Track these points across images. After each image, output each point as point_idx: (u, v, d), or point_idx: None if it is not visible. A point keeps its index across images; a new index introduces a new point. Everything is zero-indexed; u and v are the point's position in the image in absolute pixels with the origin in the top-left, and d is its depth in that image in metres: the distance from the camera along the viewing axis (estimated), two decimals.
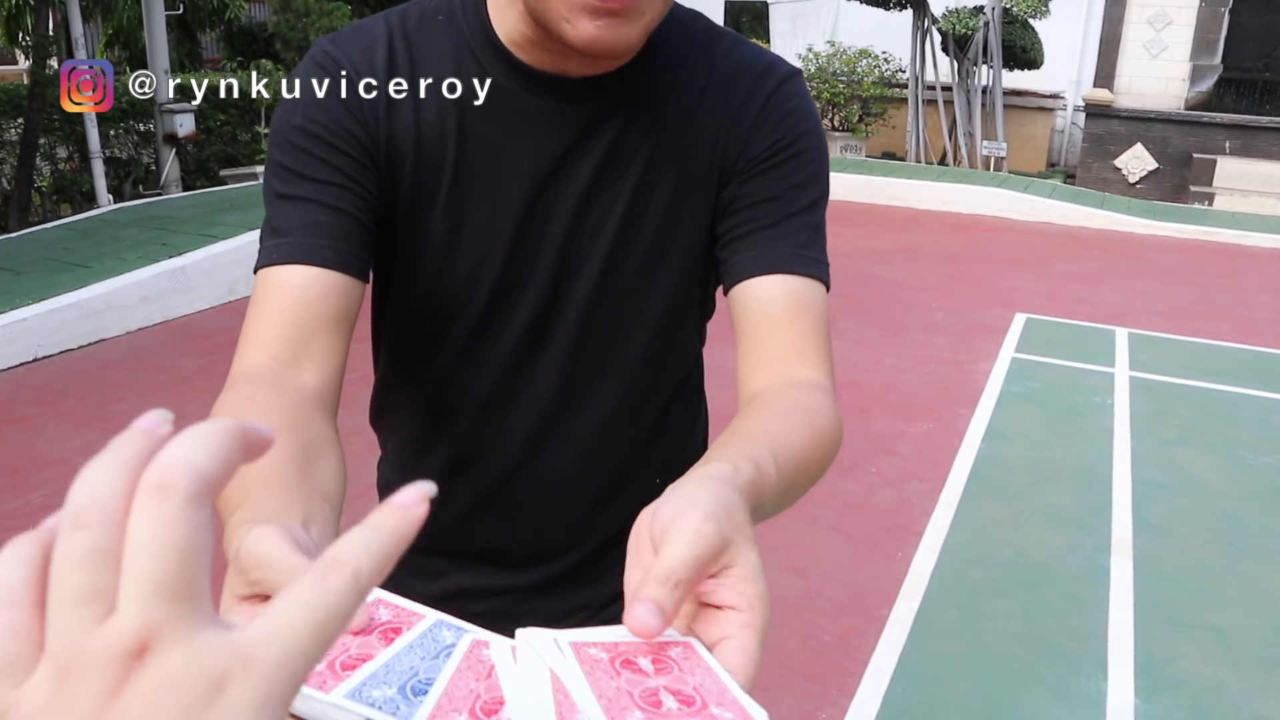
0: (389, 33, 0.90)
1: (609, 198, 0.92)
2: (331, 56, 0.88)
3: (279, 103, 0.89)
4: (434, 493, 0.36)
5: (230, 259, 6.01)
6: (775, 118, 0.93)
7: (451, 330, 0.97)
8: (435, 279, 0.94)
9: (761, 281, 0.90)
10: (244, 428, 0.34)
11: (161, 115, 8.46)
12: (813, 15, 13.96)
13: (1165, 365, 5.33)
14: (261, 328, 0.81)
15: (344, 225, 0.85)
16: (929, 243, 8.42)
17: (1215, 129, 11.63)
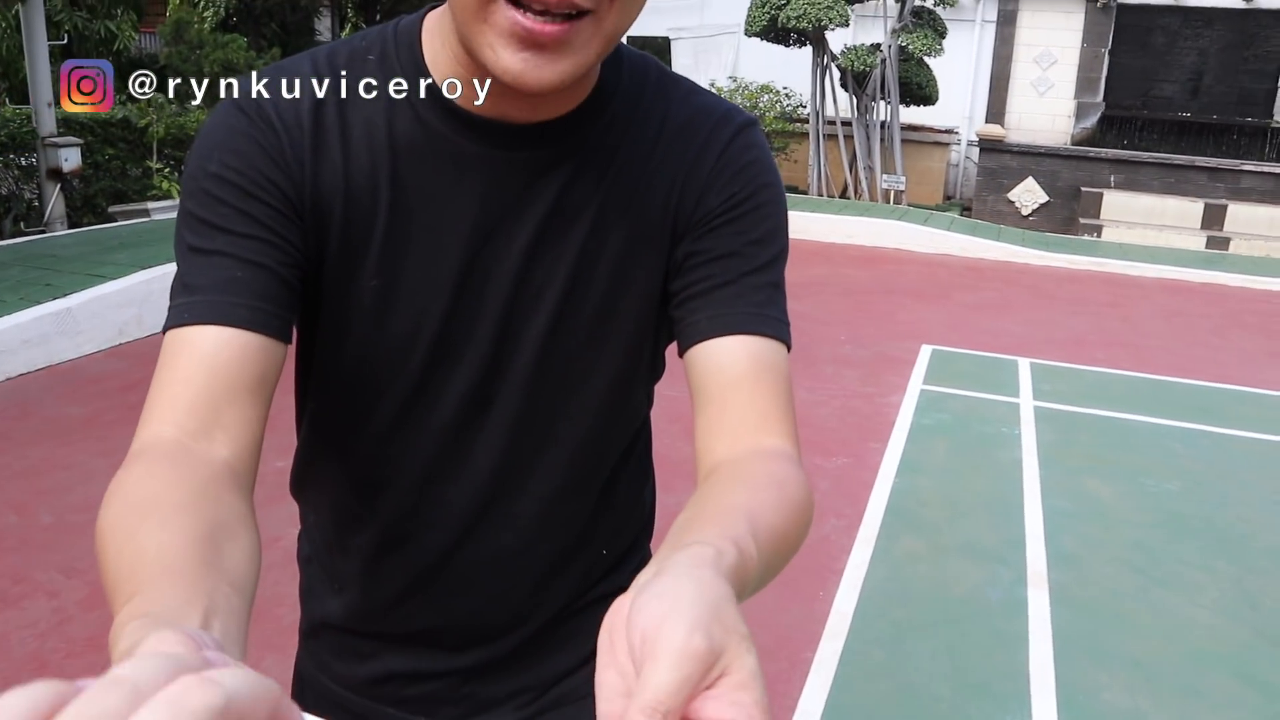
0: (316, 74, 0.83)
1: (555, 255, 0.85)
2: (253, 101, 0.81)
3: (192, 147, 0.81)
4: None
5: (119, 300, 5.74)
6: (733, 169, 0.87)
7: (383, 398, 0.89)
8: (365, 342, 0.86)
9: (720, 343, 0.84)
10: (281, 695, 0.37)
11: (45, 149, 8.09)
12: (714, 51, 14.14)
13: (1067, 394, 5.46)
14: (168, 396, 0.72)
15: (262, 282, 0.76)
16: (834, 275, 8.53)
17: (1100, 163, 12.11)
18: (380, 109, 0.82)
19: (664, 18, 14.30)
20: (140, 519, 0.61)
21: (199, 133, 0.82)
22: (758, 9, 11.62)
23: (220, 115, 0.81)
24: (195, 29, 8.43)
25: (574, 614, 1.03)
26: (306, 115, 0.81)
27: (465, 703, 1.02)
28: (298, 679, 1.07)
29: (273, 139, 0.79)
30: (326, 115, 0.82)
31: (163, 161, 9.07)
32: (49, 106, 8.17)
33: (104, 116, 8.99)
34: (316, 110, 0.81)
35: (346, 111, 0.82)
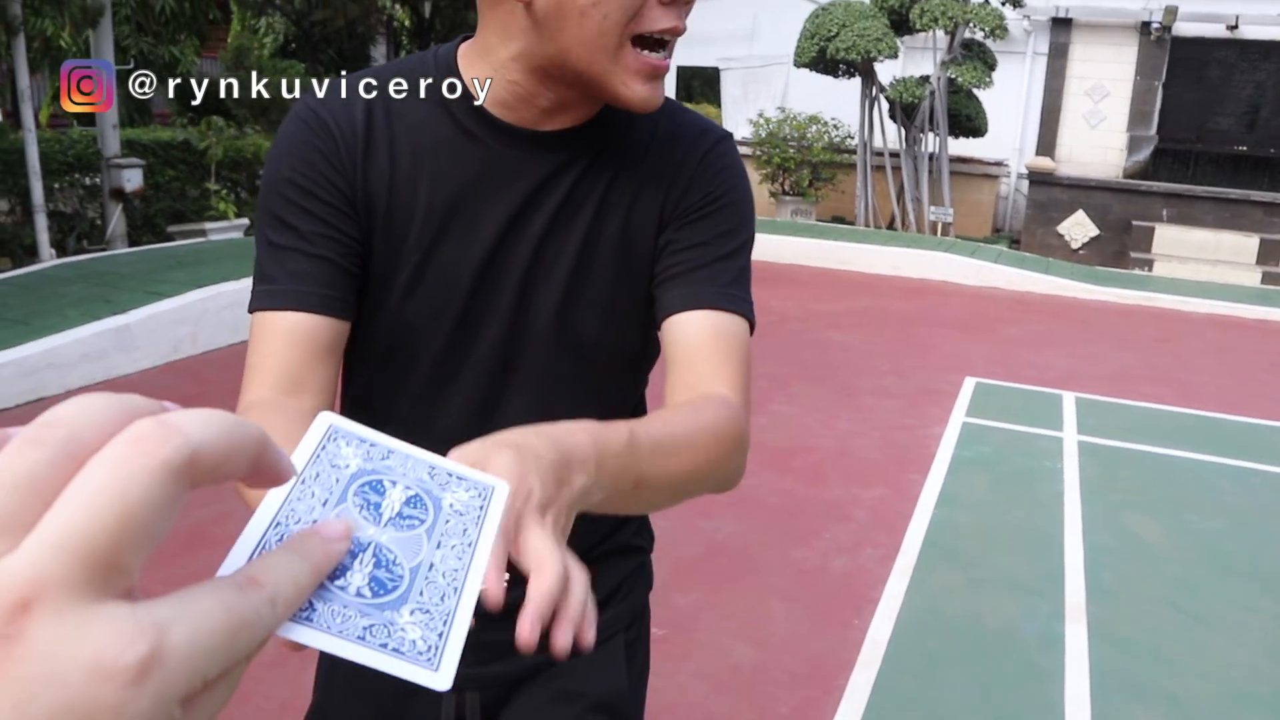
0: (368, 88, 1.01)
1: (565, 237, 1.02)
2: (314, 111, 0.99)
3: (267, 154, 1.00)
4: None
5: (175, 317, 5.90)
6: (710, 173, 1.06)
7: (417, 361, 1.04)
8: (401, 311, 1.01)
9: (689, 316, 1.01)
10: (265, 440, 0.33)
11: (109, 169, 8.34)
12: (764, 82, 14.22)
13: (1112, 429, 5.40)
14: (262, 367, 0.93)
15: (326, 272, 0.96)
16: (879, 307, 8.52)
17: (1153, 197, 11.98)
18: (422, 116, 1.00)
19: (713, 48, 14.41)
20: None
21: (274, 142, 1.00)
22: (807, 40, 11.68)
23: (288, 126, 0.99)
24: (255, 55, 8.67)
25: (590, 562, 1.07)
26: (360, 122, 0.98)
27: (487, 649, 1.06)
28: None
29: (330, 145, 0.97)
30: (376, 122, 0.99)
31: (221, 183, 9.30)
32: (114, 128, 8.44)
33: (166, 139, 9.26)
34: (369, 117, 0.99)
35: (393, 118, 1.00)
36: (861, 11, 11.37)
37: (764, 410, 5.36)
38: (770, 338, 7.02)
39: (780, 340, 6.98)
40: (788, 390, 5.75)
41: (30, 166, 7.60)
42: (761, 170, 12.81)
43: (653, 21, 0.91)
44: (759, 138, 12.73)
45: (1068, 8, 12.84)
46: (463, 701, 1.16)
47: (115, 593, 0.26)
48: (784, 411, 5.35)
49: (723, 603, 3.32)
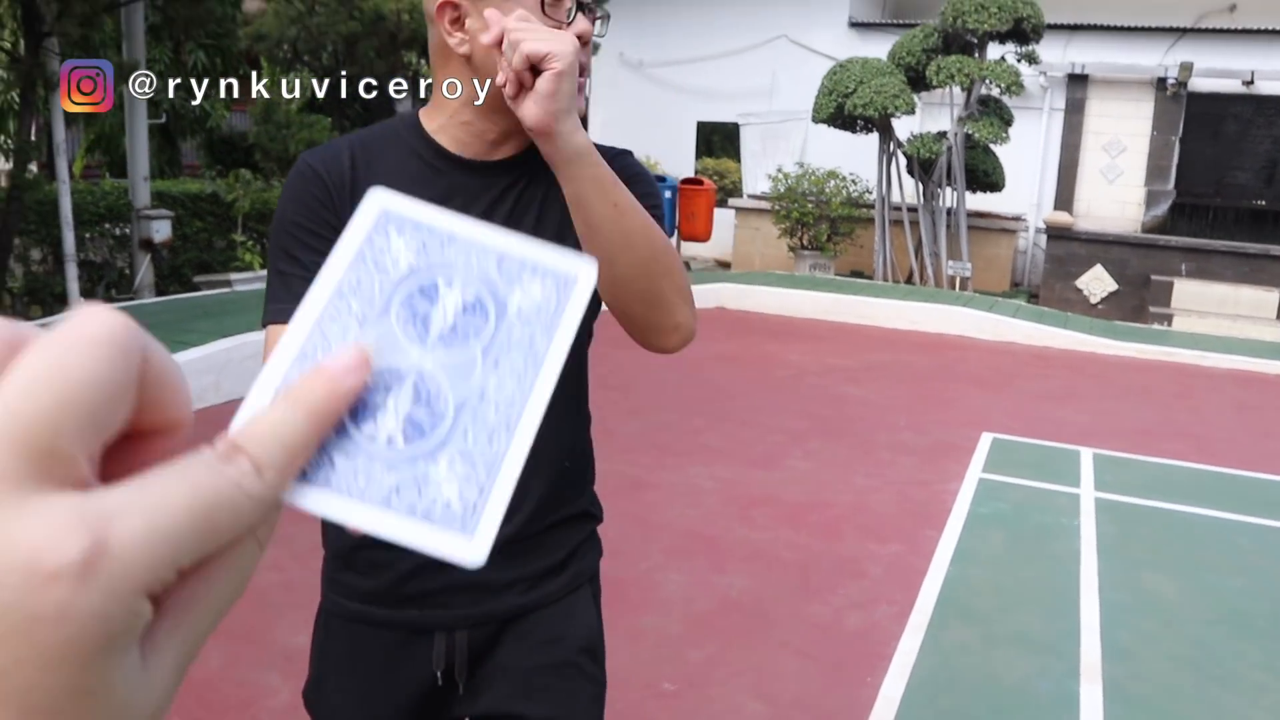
0: (350, 147, 1.25)
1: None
2: (310, 165, 1.23)
3: (277, 203, 1.25)
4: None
5: (201, 366, 5.99)
6: (616, 167, 1.22)
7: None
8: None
9: None
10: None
11: (139, 220, 8.52)
12: (782, 137, 14.38)
13: (1130, 486, 5.38)
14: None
15: None
16: (897, 361, 8.54)
17: (1171, 252, 11.99)
18: (396, 158, 1.25)
19: (733, 104, 14.62)
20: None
21: (281, 193, 1.26)
22: (825, 96, 11.83)
23: (290, 178, 1.24)
24: (283, 110, 8.86)
25: (547, 527, 1.34)
26: (346, 168, 1.22)
27: (474, 589, 1.30)
28: (322, 615, 1.36)
29: (323, 190, 1.21)
30: (359, 166, 1.23)
31: (247, 234, 9.47)
32: (145, 181, 8.63)
33: (195, 191, 9.45)
34: (353, 163, 1.23)
35: (373, 162, 1.24)
36: (879, 68, 11.53)
37: (781, 466, 5.38)
38: (788, 392, 7.05)
39: (798, 395, 7.01)
40: (805, 446, 5.77)
41: (63, 217, 7.78)
42: (780, 225, 12.91)
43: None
44: (777, 192, 12.86)
45: (1084, 64, 12.97)
46: (453, 642, 1.30)
47: (58, 484, 0.24)
48: (801, 467, 5.36)
49: (735, 659, 3.32)
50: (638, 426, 5.82)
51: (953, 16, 11.20)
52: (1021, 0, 11.05)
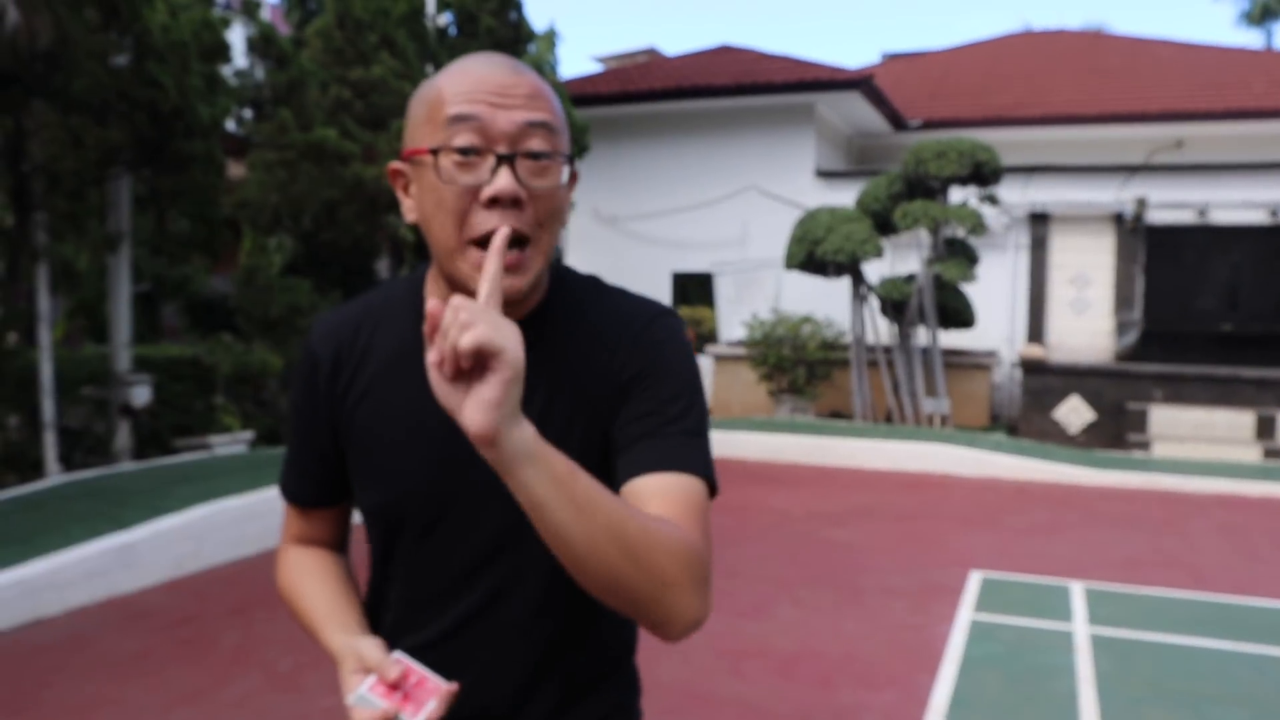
0: (363, 314, 1.23)
1: None
2: (310, 348, 1.23)
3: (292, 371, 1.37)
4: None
5: (180, 534, 5.92)
6: (647, 345, 1.15)
7: (393, 540, 1.21)
8: (387, 497, 1.19)
9: (639, 481, 1.08)
10: None
11: (119, 386, 8.53)
12: (756, 284, 14.70)
13: (1123, 619, 5.32)
14: (286, 524, 1.34)
15: (314, 475, 1.28)
16: (881, 503, 8.53)
17: (1144, 379, 12.17)
18: (398, 329, 1.19)
19: (707, 253, 14.99)
20: (303, 582, 1.26)
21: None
22: (796, 244, 12.17)
23: (299, 362, 1.27)
24: (265, 274, 9.02)
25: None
26: (345, 346, 1.21)
27: None
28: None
29: (314, 378, 1.22)
30: (360, 338, 1.21)
31: (227, 398, 9.48)
32: (126, 346, 8.68)
33: (175, 355, 9.50)
34: (355, 334, 1.21)
35: (377, 329, 1.21)
36: (846, 215, 11.90)
37: (769, 615, 5.30)
38: (772, 540, 7.00)
39: (783, 542, 6.96)
40: (793, 594, 5.70)
41: (43, 385, 7.79)
42: (758, 370, 13.07)
43: (476, 227, 1.05)
44: (754, 339, 13.06)
45: (1044, 203, 13.45)
46: None
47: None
48: (790, 615, 5.29)
49: None
50: None
51: (914, 164, 11.65)
52: (979, 146, 11.53)
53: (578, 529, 0.93)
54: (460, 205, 1.05)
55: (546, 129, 1.07)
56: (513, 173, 1.04)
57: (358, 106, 9.55)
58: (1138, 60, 17.69)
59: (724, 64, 15.83)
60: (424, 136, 1.08)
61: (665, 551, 0.97)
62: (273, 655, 4.56)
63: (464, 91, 1.06)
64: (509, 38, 11.28)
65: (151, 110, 7.48)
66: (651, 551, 0.96)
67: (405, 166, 1.12)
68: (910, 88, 17.76)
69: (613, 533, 0.94)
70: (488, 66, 1.08)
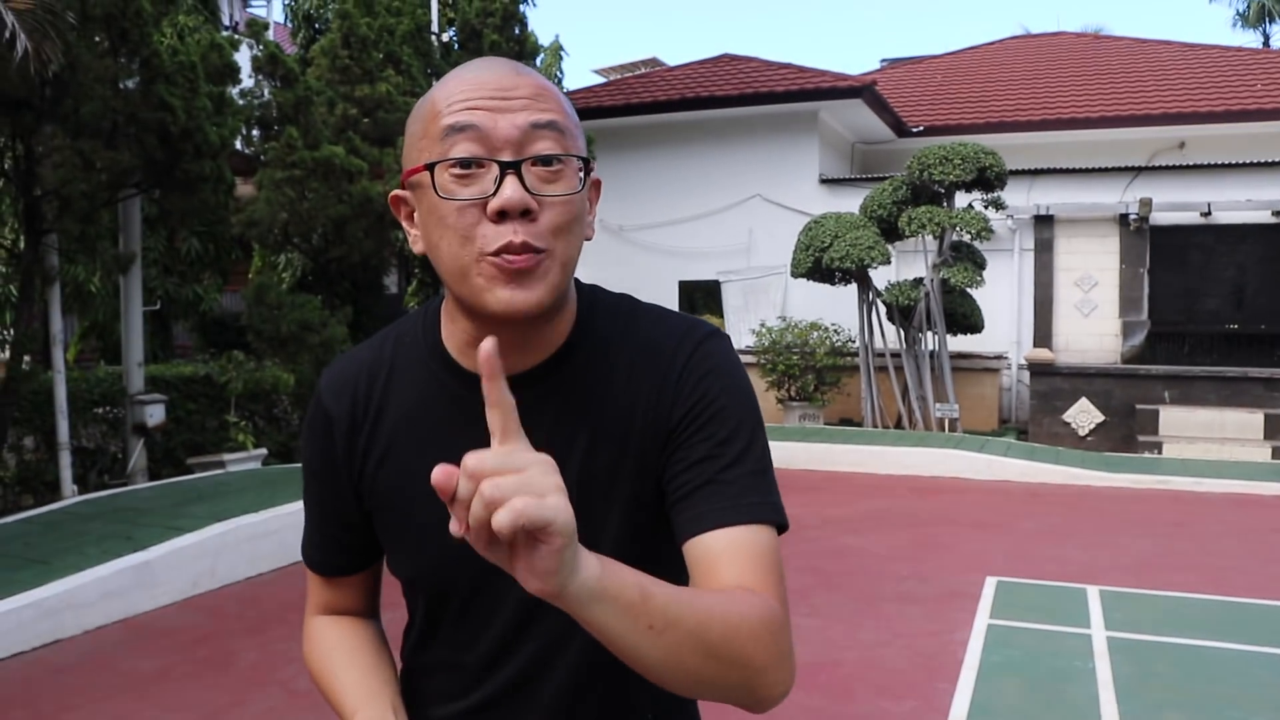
0: (376, 365, 1.11)
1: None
2: (320, 404, 1.12)
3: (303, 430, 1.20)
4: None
5: (195, 552, 5.94)
6: (693, 380, 1.03)
7: (432, 607, 1.13)
8: (418, 560, 1.10)
9: (703, 539, 0.98)
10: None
11: (133, 406, 8.58)
12: (763, 291, 14.72)
13: (1140, 623, 5.32)
14: (311, 595, 1.24)
15: (335, 543, 1.18)
16: (894, 508, 8.53)
17: (1153, 380, 12.16)
18: (415, 384, 1.08)
19: (713, 262, 15.02)
20: (333, 659, 1.16)
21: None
22: (802, 252, 12.19)
23: (308, 418, 1.15)
24: (275, 292, 9.06)
25: None
26: (361, 400, 1.10)
27: None
28: None
29: (329, 437, 1.11)
30: (375, 389, 1.10)
31: (239, 415, 9.52)
32: (139, 366, 8.73)
33: (188, 374, 9.55)
34: (370, 386, 1.10)
35: (394, 375, 1.09)
36: (852, 222, 11.92)
37: None
38: (787, 548, 6.95)
39: (798, 550, 6.96)
40: (810, 601, 5.71)
41: (58, 406, 7.83)
42: (767, 378, 13.08)
43: (488, 242, 0.93)
44: (762, 346, 13.08)
45: (1048, 206, 13.44)
46: None
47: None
48: (807, 624, 5.29)
49: None
50: None
51: (919, 169, 11.67)
52: (983, 151, 11.55)
53: (656, 650, 0.84)
54: (465, 222, 0.94)
55: (555, 129, 0.95)
56: (519, 181, 0.93)
57: (364, 124, 9.61)
58: (1138, 62, 17.71)
59: (727, 73, 15.88)
60: (421, 154, 0.97)
61: (750, 638, 0.89)
62: (291, 673, 4.57)
63: (459, 98, 0.95)
64: (513, 53, 11.33)
65: (161, 132, 7.53)
66: (736, 645, 0.88)
67: (406, 193, 1.02)
68: (910, 94, 17.79)
69: (694, 642, 0.85)
70: (484, 69, 0.97)
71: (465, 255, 0.94)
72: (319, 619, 1.22)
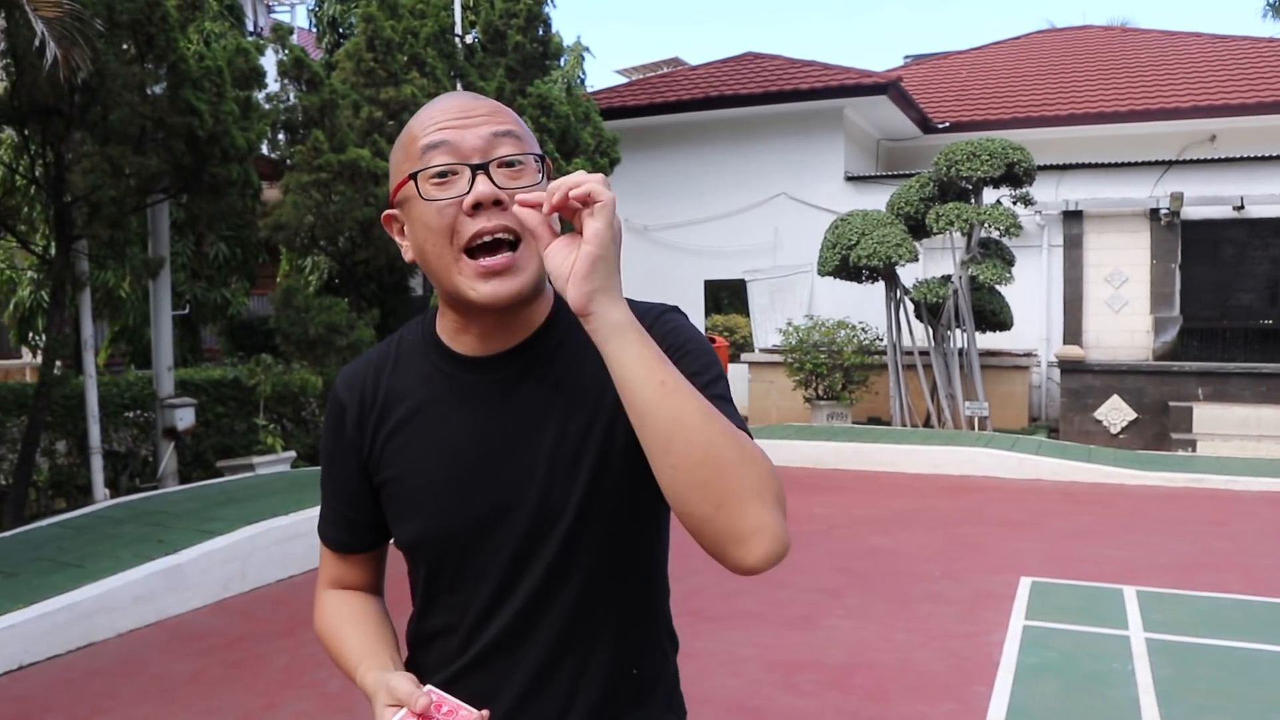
0: (383, 356, 1.29)
1: (538, 441, 1.18)
2: (337, 395, 1.29)
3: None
4: None
5: (226, 555, 5.96)
6: (660, 334, 1.17)
7: (431, 574, 1.25)
8: (415, 530, 1.23)
9: None
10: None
11: (163, 409, 8.63)
12: (789, 290, 14.65)
13: (1179, 624, 5.23)
14: (322, 569, 1.39)
15: (346, 521, 1.32)
16: (924, 508, 8.45)
17: (1186, 377, 12.01)
18: (415, 370, 1.25)
19: (738, 261, 14.97)
20: (340, 625, 1.31)
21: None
22: (829, 250, 12.12)
23: (327, 409, 1.32)
24: (302, 295, 9.09)
25: None
26: (369, 390, 1.26)
27: None
28: None
29: (341, 423, 1.28)
30: (382, 381, 1.26)
31: (268, 418, 9.56)
32: (169, 370, 8.78)
33: (217, 377, 9.61)
34: (377, 377, 1.27)
35: (398, 367, 1.26)
36: (879, 219, 11.84)
37: (820, 625, 5.26)
38: (818, 548, 6.95)
39: (828, 550, 6.91)
40: (842, 603, 5.65)
41: (90, 410, 7.89)
42: (795, 377, 13.01)
43: (465, 233, 1.11)
44: (789, 345, 13.01)
45: (1077, 201, 13.30)
46: None
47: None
48: (840, 626, 5.24)
49: None
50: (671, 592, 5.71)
51: (946, 166, 11.57)
52: (1011, 146, 11.44)
53: (663, 409, 1.00)
54: (446, 220, 1.11)
55: (512, 136, 1.14)
56: (489, 178, 1.11)
57: (389, 126, 9.61)
58: (1167, 55, 17.50)
59: (751, 71, 15.82)
60: (405, 172, 1.15)
61: (758, 457, 1.04)
62: (323, 677, 4.57)
63: (431, 124, 1.14)
64: (537, 54, 11.31)
65: (188, 137, 7.57)
66: (741, 445, 1.03)
67: (396, 210, 1.19)
68: (934, 90, 17.66)
69: (700, 416, 1.01)
70: (448, 99, 1.18)
71: (447, 253, 1.12)
72: (329, 592, 1.37)
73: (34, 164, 7.67)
